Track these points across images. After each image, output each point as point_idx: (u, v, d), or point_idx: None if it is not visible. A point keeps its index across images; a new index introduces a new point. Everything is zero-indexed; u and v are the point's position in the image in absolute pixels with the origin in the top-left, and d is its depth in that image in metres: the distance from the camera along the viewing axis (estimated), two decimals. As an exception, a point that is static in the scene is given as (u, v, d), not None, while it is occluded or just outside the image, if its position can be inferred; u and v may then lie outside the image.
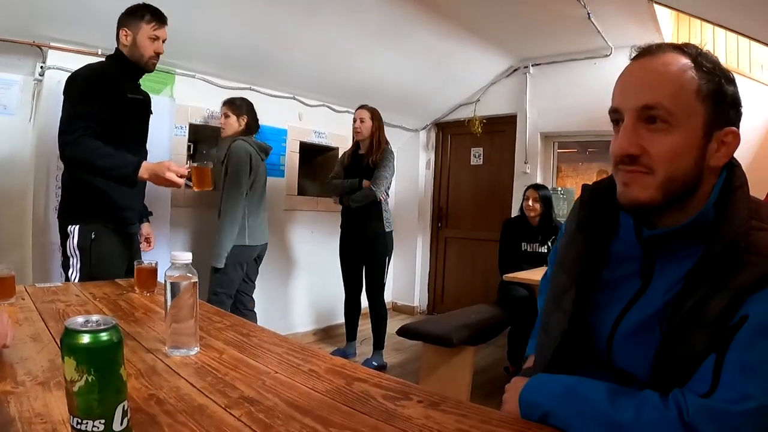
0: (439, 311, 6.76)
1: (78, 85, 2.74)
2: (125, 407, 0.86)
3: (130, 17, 2.89)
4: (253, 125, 4.24)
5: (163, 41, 2.98)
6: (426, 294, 7.20)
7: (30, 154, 3.63)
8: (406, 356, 5.20)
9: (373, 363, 4.73)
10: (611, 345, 1.16)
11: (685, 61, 1.06)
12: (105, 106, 2.75)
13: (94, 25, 3.50)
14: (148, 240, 3.43)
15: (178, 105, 4.32)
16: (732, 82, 1.09)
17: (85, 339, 0.82)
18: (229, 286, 4.11)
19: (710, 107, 1.05)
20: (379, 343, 4.86)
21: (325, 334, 5.93)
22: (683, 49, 1.08)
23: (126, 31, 2.89)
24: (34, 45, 3.49)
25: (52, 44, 3.55)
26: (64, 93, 2.76)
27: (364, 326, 5.08)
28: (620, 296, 1.17)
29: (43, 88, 3.60)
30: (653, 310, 1.09)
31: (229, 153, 4.04)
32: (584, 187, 1.32)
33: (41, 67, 3.60)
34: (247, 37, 4.10)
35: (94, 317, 0.87)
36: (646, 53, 1.10)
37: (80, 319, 0.85)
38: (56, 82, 3.52)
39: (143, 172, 2.67)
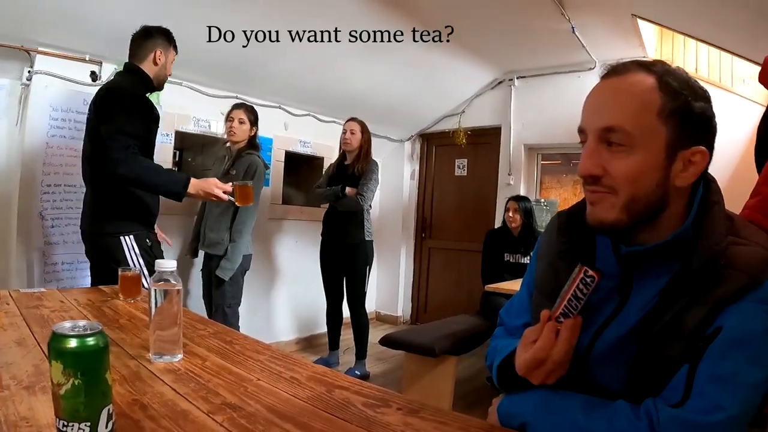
0: (423, 321, 6.77)
1: (125, 102, 2.81)
2: (110, 411, 0.88)
3: (165, 40, 3.07)
4: (257, 138, 4.27)
5: None
6: (409, 304, 7.21)
7: (16, 158, 3.61)
8: (389, 366, 5.21)
9: (356, 372, 4.73)
10: (587, 361, 1.16)
11: (649, 80, 1.05)
12: (145, 124, 2.89)
13: (82, 31, 3.52)
14: (164, 239, 3.46)
15: (165, 112, 4.31)
16: (702, 98, 1.07)
17: (73, 343, 0.84)
18: (239, 296, 4.19)
19: (674, 127, 1.05)
20: (361, 353, 4.87)
21: (307, 343, 5.92)
22: (650, 67, 1.08)
23: (161, 53, 3.03)
24: (21, 49, 3.47)
25: (40, 49, 3.54)
26: (106, 107, 2.80)
27: (347, 335, 5.07)
28: (599, 314, 1.16)
29: (30, 93, 3.59)
30: (630, 326, 1.09)
31: (250, 167, 4.05)
32: (559, 214, 1.33)
33: (29, 72, 3.58)
34: (235, 46, 4.11)
35: (81, 322, 0.88)
36: (612, 73, 1.11)
37: (68, 324, 0.87)
38: (43, 86, 3.54)
39: (191, 188, 2.86)
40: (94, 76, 3.79)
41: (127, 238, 2.91)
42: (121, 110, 2.77)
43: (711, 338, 0.98)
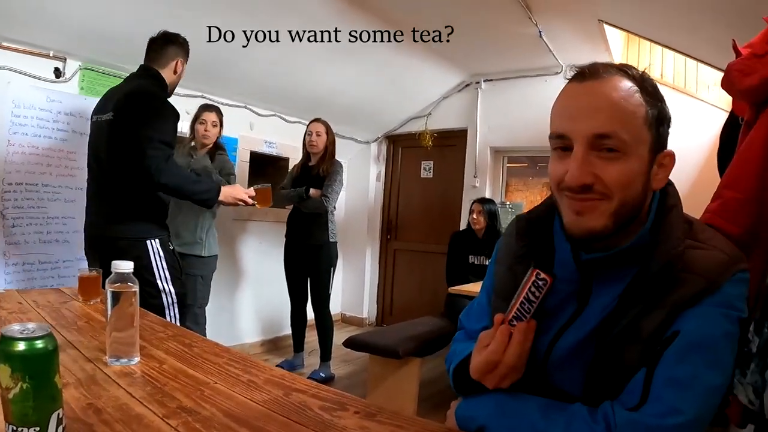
0: (388, 323, 6.76)
1: (160, 109, 2.86)
2: (60, 415, 0.87)
3: (184, 52, 3.14)
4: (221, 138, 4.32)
5: None
6: (375, 306, 7.20)
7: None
8: (354, 368, 5.20)
9: (321, 374, 4.72)
10: (546, 365, 1.16)
11: (631, 85, 1.04)
12: (175, 131, 2.94)
13: (47, 27, 3.44)
14: None
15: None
16: (664, 102, 1.09)
17: (21, 346, 0.82)
18: (208, 297, 4.30)
19: (654, 132, 1.05)
20: (326, 355, 4.85)
21: (272, 345, 5.88)
22: (627, 71, 1.06)
23: (180, 63, 3.10)
24: (-16, 44, 3.41)
25: (2, 44, 3.46)
26: (141, 112, 2.81)
27: (312, 337, 5.05)
28: (558, 319, 1.16)
29: (-8, 89, 3.51)
30: (589, 330, 1.09)
31: (223, 166, 4.17)
32: (518, 218, 1.32)
33: (-9, 67, 3.52)
34: (200, 45, 4.06)
35: (30, 325, 0.87)
36: (591, 76, 1.06)
37: (16, 327, 0.86)
38: (6, 82, 3.45)
39: (221, 194, 3.06)
40: (58, 72, 3.73)
41: (152, 242, 2.90)
42: (158, 117, 2.83)
43: (668, 342, 0.99)
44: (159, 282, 2.89)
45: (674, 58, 4.93)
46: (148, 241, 2.88)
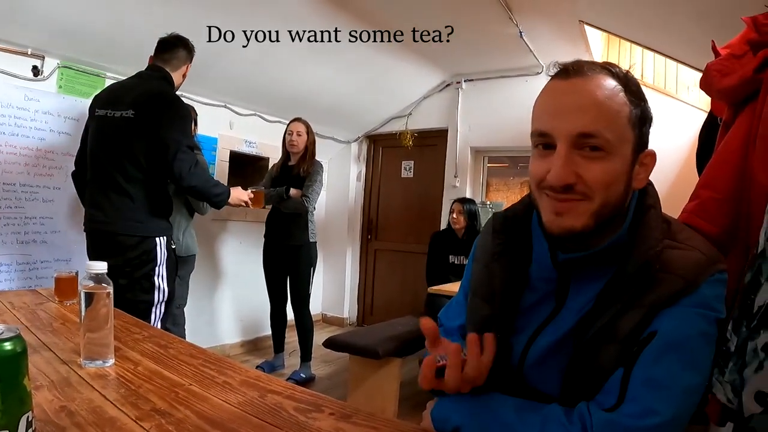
0: (369, 322, 6.77)
1: (183, 113, 3.01)
2: (29, 418, 0.85)
3: (192, 56, 3.27)
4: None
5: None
6: (355, 306, 7.20)
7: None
8: (334, 368, 5.19)
9: (301, 375, 4.70)
10: (523, 365, 1.16)
11: (615, 84, 1.04)
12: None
13: (25, 25, 3.39)
14: None
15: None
16: (647, 102, 1.09)
17: (-12, 349, 0.81)
18: (186, 297, 4.35)
19: (637, 131, 1.05)
20: (306, 355, 4.83)
21: (253, 345, 5.86)
22: (611, 70, 1.06)
23: (187, 69, 3.25)
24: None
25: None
26: (166, 114, 2.91)
27: (292, 338, 5.03)
28: (535, 319, 1.16)
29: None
30: (566, 330, 1.09)
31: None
32: (495, 216, 1.31)
33: (-33, 65, 3.46)
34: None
35: (-2, 327, 0.85)
36: (576, 73, 1.06)
37: (-16, 329, 0.84)
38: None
39: (231, 197, 3.27)
40: (36, 71, 3.67)
41: (161, 239, 2.97)
42: (184, 122, 2.99)
43: (646, 342, 0.99)
44: (156, 279, 2.93)
45: (654, 58, 4.97)
46: (158, 238, 2.93)
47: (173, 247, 3.10)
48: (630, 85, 1.06)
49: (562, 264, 1.11)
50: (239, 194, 3.40)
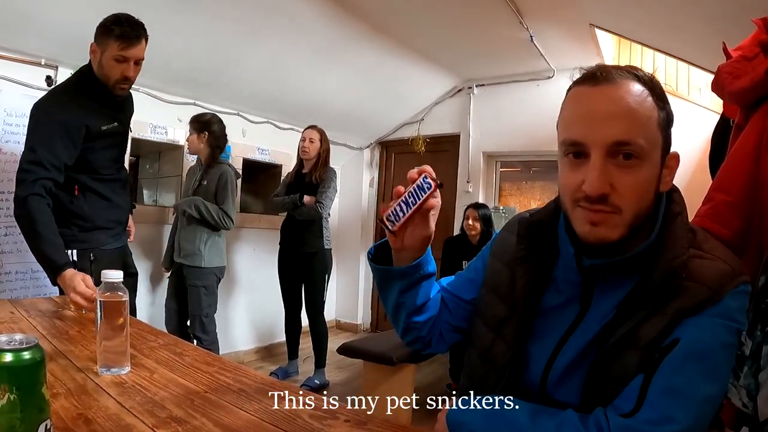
0: (383, 329, 6.75)
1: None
2: (48, 426, 0.86)
3: (99, 31, 2.56)
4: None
5: (137, 62, 2.66)
6: (369, 312, 7.21)
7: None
8: (348, 374, 5.19)
9: (315, 381, 4.71)
10: (547, 375, 1.15)
11: (643, 89, 1.03)
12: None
13: (39, 35, 3.44)
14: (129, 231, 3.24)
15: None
16: (669, 104, 1.08)
17: (8, 358, 0.82)
18: (215, 305, 4.35)
19: (665, 135, 1.05)
20: (320, 362, 4.83)
21: (267, 352, 5.87)
22: (637, 74, 1.05)
23: (94, 47, 2.59)
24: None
25: (-7, 52, 3.46)
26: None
27: (306, 344, 5.04)
28: (559, 324, 1.15)
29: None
30: (590, 338, 1.09)
31: (221, 177, 4.22)
32: (521, 221, 1.29)
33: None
34: (192, 52, 4.07)
35: (17, 336, 0.86)
36: (604, 79, 1.04)
37: (3, 338, 0.85)
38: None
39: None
40: (49, 80, 3.71)
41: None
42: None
43: (668, 350, 0.98)
44: None
45: (665, 61, 4.94)
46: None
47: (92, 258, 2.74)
48: (656, 89, 1.05)
49: (587, 269, 1.10)
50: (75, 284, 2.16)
